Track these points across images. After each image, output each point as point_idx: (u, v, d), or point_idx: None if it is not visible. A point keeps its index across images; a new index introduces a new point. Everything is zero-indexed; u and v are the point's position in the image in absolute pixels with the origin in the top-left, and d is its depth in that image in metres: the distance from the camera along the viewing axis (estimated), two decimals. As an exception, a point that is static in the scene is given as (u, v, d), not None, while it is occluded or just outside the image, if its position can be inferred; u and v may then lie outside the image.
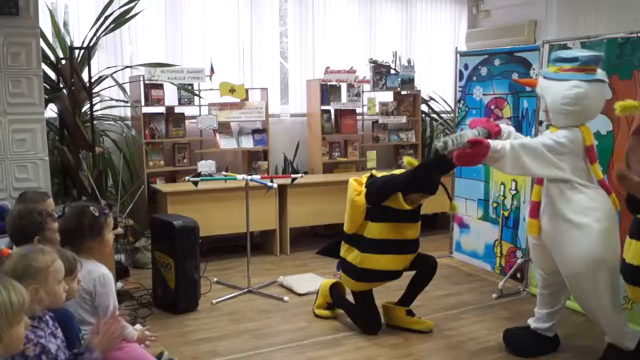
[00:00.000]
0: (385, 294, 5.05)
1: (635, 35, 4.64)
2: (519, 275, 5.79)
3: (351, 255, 4.71)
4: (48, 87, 5.85)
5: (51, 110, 6.00)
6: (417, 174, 4.36)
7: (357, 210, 4.61)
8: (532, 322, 4.39)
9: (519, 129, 5.78)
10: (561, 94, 3.85)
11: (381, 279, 4.71)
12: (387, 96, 8.16)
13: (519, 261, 5.78)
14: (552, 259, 4.07)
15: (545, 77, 4.05)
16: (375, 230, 4.56)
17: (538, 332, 4.34)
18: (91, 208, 3.32)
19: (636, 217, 3.55)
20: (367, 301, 4.79)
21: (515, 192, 5.92)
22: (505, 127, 4.17)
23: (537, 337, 4.33)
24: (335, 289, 5.06)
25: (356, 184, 4.69)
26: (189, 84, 6.87)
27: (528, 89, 5.59)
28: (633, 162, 3.48)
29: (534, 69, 5.63)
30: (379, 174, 4.67)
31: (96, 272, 3.17)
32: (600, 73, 3.93)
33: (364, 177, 4.72)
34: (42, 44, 5.41)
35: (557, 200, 3.90)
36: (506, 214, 6.03)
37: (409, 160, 4.43)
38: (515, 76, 5.82)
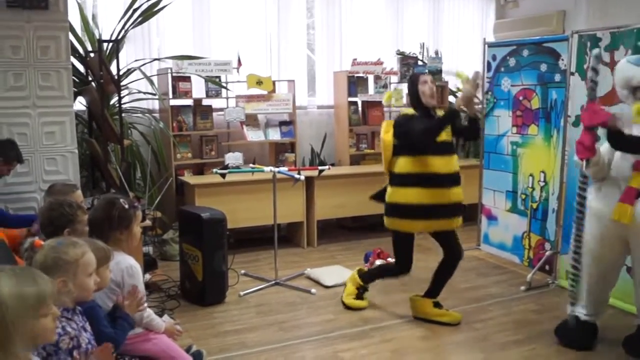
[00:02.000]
0: (411, 287, 5.05)
1: (666, 25, 4.59)
2: (547, 267, 5.74)
3: (387, 192, 4.74)
4: (77, 80, 5.91)
5: (80, 103, 6.06)
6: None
7: (386, 148, 4.67)
8: (581, 314, 4.34)
9: (547, 120, 5.74)
10: None
11: (410, 214, 4.57)
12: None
13: (547, 253, 5.73)
14: (622, 250, 4.11)
15: None
16: (401, 164, 4.58)
17: (589, 322, 4.30)
18: (121, 200, 3.34)
19: None
20: (402, 244, 4.75)
21: (543, 183, 5.85)
22: None
23: (586, 327, 4.29)
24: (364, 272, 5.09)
25: (386, 124, 4.77)
26: (217, 76, 6.89)
27: (557, 79, 5.58)
28: None
29: (562, 60, 5.56)
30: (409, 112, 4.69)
31: (124, 263, 3.19)
32: None
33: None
34: (71, 37, 5.48)
35: None
36: (535, 205, 5.97)
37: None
38: (543, 67, 5.77)
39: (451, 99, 8.26)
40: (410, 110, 4.68)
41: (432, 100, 4.61)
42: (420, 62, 7.92)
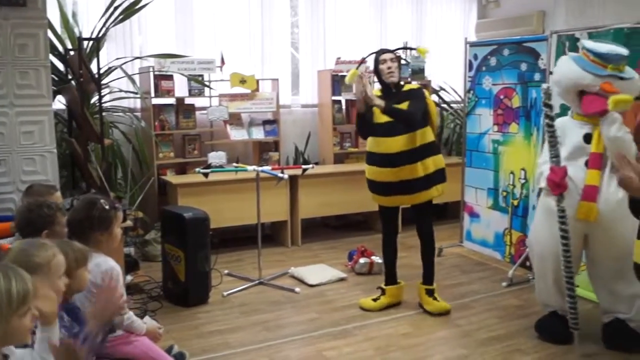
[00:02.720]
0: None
1: (641, 25, 4.67)
2: (528, 263, 5.77)
3: None
4: (56, 78, 5.85)
5: (59, 102, 5.99)
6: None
7: None
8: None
9: (527, 118, 5.79)
10: (637, 88, 4.08)
11: (372, 189, 4.98)
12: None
13: (528, 249, 5.77)
14: (582, 246, 4.23)
15: (622, 79, 4.02)
16: (367, 143, 4.95)
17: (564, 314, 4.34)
18: (101, 201, 3.30)
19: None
20: (380, 214, 5.16)
21: (524, 181, 5.91)
22: None
23: (565, 321, 4.31)
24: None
25: None
26: (199, 75, 6.87)
27: (537, 78, 5.66)
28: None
29: (542, 59, 5.62)
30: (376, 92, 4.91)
31: (104, 265, 3.16)
32: None
33: None
34: (50, 34, 5.42)
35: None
36: (515, 202, 6.03)
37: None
38: (524, 66, 5.82)
39: (434, 97, 8.30)
40: (378, 92, 4.89)
41: (391, 78, 4.76)
42: (403, 61, 7.91)
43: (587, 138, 4.09)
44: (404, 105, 4.67)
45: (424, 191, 4.81)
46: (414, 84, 4.91)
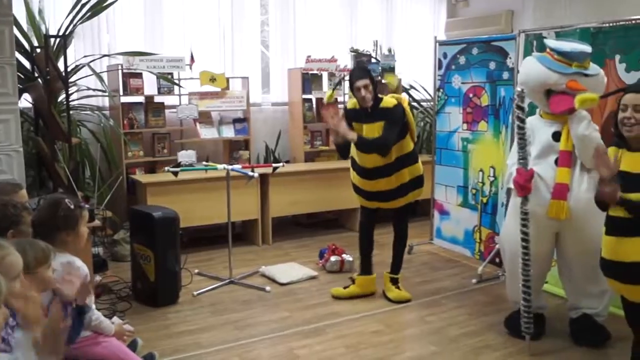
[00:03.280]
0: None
1: (607, 25, 4.76)
2: (497, 260, 5.82)
3: None
4: (22, 76, 5.78)
5: (25, 100, 5.92)
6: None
7: None
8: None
9: (496, 116, 5.83)
10: (603, 84, 4.12)
11: (358, 193, 5.18)
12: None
13: (497, 246, 5.81)
14: (554, 244, 4.28)
15: (587, 75, 4.05)
16: (352, 149, 5.03)
17: (535, 312, 4.36)
18: (66, 200, 3.26)
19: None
20: (362, 207, 5.30)
21: (493, 178, 5.96)
22: None
23: (535, 318, 4.32)
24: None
25: None
26: (169, 73, 6.82)
27: (505, 77, 5.70)
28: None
29: (510, 58, 5.68)
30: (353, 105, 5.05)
31: (71, 265, 3.13)
32: None
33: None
34: (16, 31, 5.34)
35: (590, 181, 4.00)
36: (485, 200, 6.08)
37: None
38: (492, 65, 5.87)
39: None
40: (353, 102, 5.00)
41: (366, 104, 4.85)
42: (373, 60, 7.95)
43: (556, 136, 4.11)
44: (379, 125, 4.81)
45: (400, 198, 5.05)
46: (392, 101, 4.89)
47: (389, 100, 4.90)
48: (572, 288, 4.38)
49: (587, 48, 4.09)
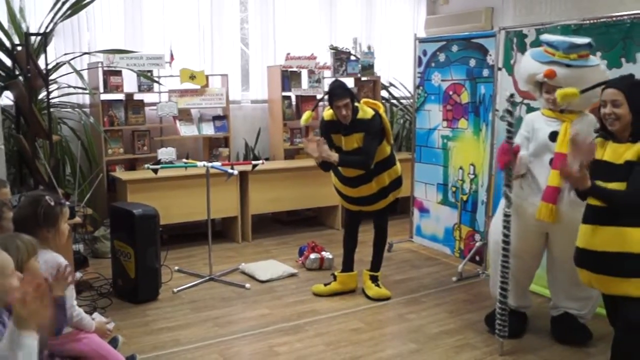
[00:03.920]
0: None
1: (587, 22, 4.77)
2: (477, 258, 5.88)
3: None
4: (3, 74, 5.77)
5: (7, 98, 5.89)
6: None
7: None
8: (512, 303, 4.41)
9: (476, 114, 5.87)
10: (596, 78, 3.89)
11: (341, 196, 5.30)
12: (348, 82, 8.12)
13: (477, 244, 5.87)
14: (543, 244, 4.28)
15: (569, 66, 4.00)
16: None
17: (516, 311, 4.42)
18: (46, 197, 3.27)
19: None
20: (346, 210, 5.46)
21: (473, 176, 5.98)
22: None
23: (514, 315, 4.37)
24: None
25: None
26: (149, 71, 6.81)
27: (485, 74, 5.70)
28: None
29: (490, 55, 5.70)
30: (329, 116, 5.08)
31: (52, 261, 3.13)
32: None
33: None
34: (-4, 30, 5.32)
35: None
36: (465, 198, 6.10)
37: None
38: (472, 62, 5.89)
39: (383, 93, 8.38)
40: (330, 114, 5.01)
41: (345, 120, 4.89)
42: (353, 57, 7.97)
43: (553, 136, 4.07)
44: (358, 136, 4.89)
45: (380, 201, 5.14)
46: (369, 111, 4.92)
47: (366, 110, 4.93)
48: (557, 288, 4.38)
49: (579, 40, 4.04)
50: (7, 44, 5.94)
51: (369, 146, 4.86)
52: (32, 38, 5.76)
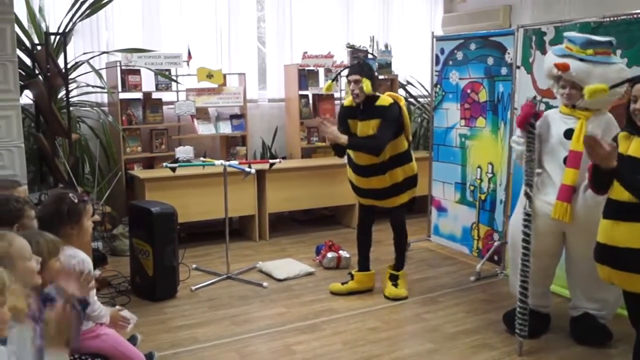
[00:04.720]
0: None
1: (607, 19, 4.72)
2: (496, 257, 5.85)
3: None
4: (23, 73, 5.79)
5: (27, 97, 5.94)
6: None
7: None
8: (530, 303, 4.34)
9: (494, 112, 5.84)
10: (611, 77, 3.82)
11: (354, 189, 5.27)
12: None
13: (495, 244, 5.84)
14: (560, 243, 4.23)
15: (583, 60, 3.95)
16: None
17: (535, 310, 4.37)
18: (70, 195, 3.30)
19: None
20: (360, 205, 5.41)
21: (491, 175, 5.96)
22: None
23: (533, 315, 4.30)
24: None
25: None
26: (166, 70, 6.83)
27: (503, 73, 5.66)
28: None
29: (508, 53, 5.66)
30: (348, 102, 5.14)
31: (76, 257, 3.15)
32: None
33: None
34: (17, 29, 5.34)
35: None
36: (483, 197, 6.07)
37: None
38: (490, 60, 5.86)
39: (401, 92, 8.35)
40: (350, 100, 5.02)
41: (356, 99, 4.91)
42: (370, 55, 7.96)
43: (568, 134, 4.01)
44: (374, 122, 4.85)
45: (393, 197, 5.08)
46: (388, 99, 4.91)
47: (385, 99, 4.92)
48: (576, 289, 4.35)
49: (599, 38, 4.02)
50: (27, 43, 5.99)
51: (383, 130, 4.83)
52: (52, 37, 5.80)
